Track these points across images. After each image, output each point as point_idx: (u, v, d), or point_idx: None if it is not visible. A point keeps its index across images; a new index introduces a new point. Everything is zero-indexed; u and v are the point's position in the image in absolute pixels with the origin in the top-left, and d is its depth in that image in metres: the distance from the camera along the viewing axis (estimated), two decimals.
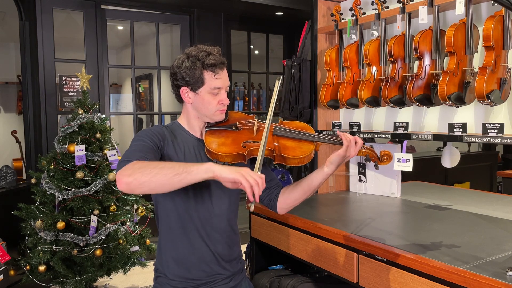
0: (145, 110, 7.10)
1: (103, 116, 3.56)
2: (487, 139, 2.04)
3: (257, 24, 5.49)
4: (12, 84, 6.53)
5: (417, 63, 2.34)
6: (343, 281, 2.05)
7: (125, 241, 3.34)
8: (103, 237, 3.25)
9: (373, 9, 2.55)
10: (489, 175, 6.00)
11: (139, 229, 3.52)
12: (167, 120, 5.65)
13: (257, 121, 1.66)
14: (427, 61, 2.26)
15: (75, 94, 4.26)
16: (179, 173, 1.32)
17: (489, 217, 2.31)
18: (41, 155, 3.85)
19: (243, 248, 2.86)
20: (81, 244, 3.21)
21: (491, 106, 2.11)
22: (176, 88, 1.63)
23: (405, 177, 3.03)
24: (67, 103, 4.21)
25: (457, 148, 2.53)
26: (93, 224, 3.23)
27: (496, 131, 2.01)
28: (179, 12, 4.87)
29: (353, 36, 2.71)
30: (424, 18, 2.26)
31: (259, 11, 5.16)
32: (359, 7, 2.67)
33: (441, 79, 2.15)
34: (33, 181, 3.42)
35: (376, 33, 2.57)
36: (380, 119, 2.78)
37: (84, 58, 4.37)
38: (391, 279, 1.79)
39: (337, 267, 2.07)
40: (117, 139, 3.69)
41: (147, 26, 5.43)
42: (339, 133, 1.61)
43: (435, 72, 2.22)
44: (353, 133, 2.73)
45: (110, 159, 3.39)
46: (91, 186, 3.26)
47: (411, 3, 2.35)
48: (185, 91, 1.61)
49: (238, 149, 1.57)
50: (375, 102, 2.53)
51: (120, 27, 6.14)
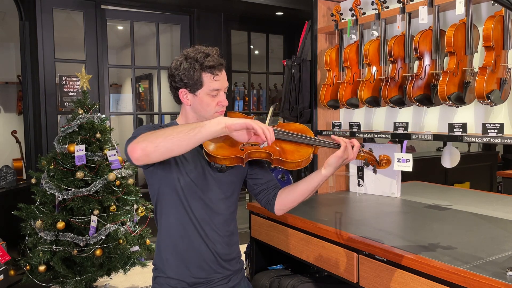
0: (145, 110, 7.10)
1: (103, 116, 3.56)
2: (487, 139, 2.04)
3: (257, 24, 5.48)
4: (12, 84, 6.53)
5: (417, 63, 2.34)
6: (343, 281, 2.05)
7: (125, 241, 3.34)
8: (103, 237, 3.25)
9: (373, 9, 2.55)
10: (489, 175, 6.00)
11: (139, 229, 3.52)
12: (167, 120, 5.64)
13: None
14: (427, 61, 2.26)
15: (75, 94, 4.26)
16: (193, 128, 1.38)
17: (489, 217, 2.31)
18: (41, 155, 3.85)
19: (243, 248, 2.86)
20: (81, 244, 3.21)
21: (491, 106, 2.11)
22: (174, 90, 1.62)
23: (405, 177, 3.03)
24: (67, 103, 4.21)
25: (457, 148, 2.53)
26: (93, 224, 3.23)
27: (496, 131, 2.01)
28: (179, 12, 4.87)
29: (353, 36, 2.71)
30: (424, 18, 2.26)
31: (259, 11, 5.15)
32: (359, 7, 2.67)
33: (441, 79, 2.15)
34: (33, 181, 3.42)
35: (376, 33, 2.57)
36: (380, 119, 2.78)
37: (84, 58, 4.37)
38: (391, 279, 1.79)
39: (337, 267, 2.07)
40: (117, 139, 3.69)
41: (147, 26, 5.42)
42: (333, 137, 1.60)
43: (435, 72, 2.22)
44: (353, 133, 2.73)
45: (110, 159, 3.39)
46: (91, 186, 3.26)
47: (411, 3, 2.35)
48: (183, 93, 1.60)
49: (236, 152, 1.56)
50: (375, 102, 2.53)
51: (120, 27, 6.14)
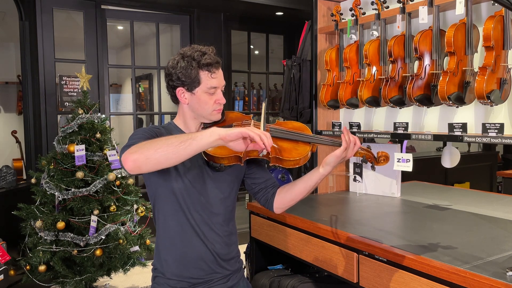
0: (145, 110, 7.10)
1: (103, 116, 3.56)
2: (487, 139, 2.03)
3: (257, 24, 5.48)
4: (12, 84, 6.53)
5: (417, 63, 2.34)
6: (343, 281, 2.05)
7: (125, 241, 3.34)
8: (103, 237, 3.25)
9: (373, 9, 2.55)
10: (489, 175, 6.00)
11: (139, 229, 3.52)
12: (167, 120, 5.64)
13: (253, 122, 1.63)
14: (427, 61, 2.26)
15: (75, 94, 4.26)
16: (183, 141, 1.33)
17: (489, 217, 2.31)
18: (41, 155, 3.85)
19: (243, 248, 2.86)
20: (81, 244, 3.21)
21: (491, 106, 2.11)
22: (171, 89, 1.62)
23: (405, 177, 3.03)
24: (67, 103, 4.21)
25: (457, 148, 2.53)
26: (93, 224, 3.23)
27: (496, 131, 2.01)
28: (179, 12, 4.87)
29: (353, 36, 2.71)
30: (424, 18, 2.26)
31: (259, 11, 5.15)
32: (359, 7, 2.67)
33: (441, 79, 2.15)
34: (33, 181, 3.42)
35: (376, 33, 2.57)
36: (380, 119, 2.78)
37: (84, 58, 4.37)
38: (391, 279, 1.79)
39: (337, 267, 2.07)
40: (117, 139, 3.70)
41: (147, 26, 5.42)
42: (344, 133, 1.55)
43: (435, 72, 2.22)
44: (353, 133, 2.71)
45: (110, 159, 3.39)
46: (91, 186, 3.26)
47: (411, 3, 2.35)
48: (181, 92, 1.60)
49: (233, 151, 1.56)
50: (375, 102, 2.52)
51: (120, 27, 6.14)
